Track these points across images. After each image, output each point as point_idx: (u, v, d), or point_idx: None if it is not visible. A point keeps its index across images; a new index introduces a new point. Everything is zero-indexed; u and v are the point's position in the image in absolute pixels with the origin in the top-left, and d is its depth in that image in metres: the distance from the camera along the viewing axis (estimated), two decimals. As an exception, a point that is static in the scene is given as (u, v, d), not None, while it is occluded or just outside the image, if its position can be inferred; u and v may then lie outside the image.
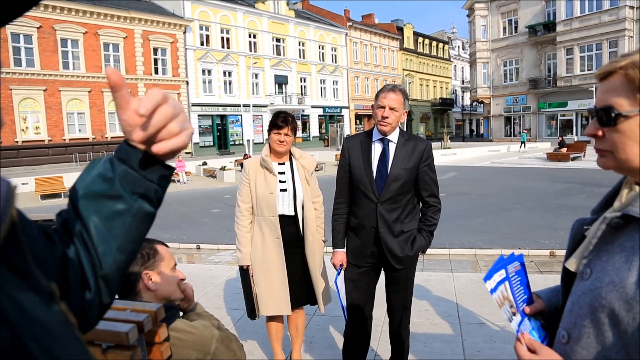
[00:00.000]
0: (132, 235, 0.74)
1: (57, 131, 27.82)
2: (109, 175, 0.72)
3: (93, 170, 0.73)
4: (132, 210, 0.73)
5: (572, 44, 35.93)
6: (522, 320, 1.11)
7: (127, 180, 0.72)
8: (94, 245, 0.71)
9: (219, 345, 1.61)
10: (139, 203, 0.73)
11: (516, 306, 1.12)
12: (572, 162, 23.43)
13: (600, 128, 0.94)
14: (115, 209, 0.72)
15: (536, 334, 1.11)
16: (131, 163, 0.72)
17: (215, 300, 4.83)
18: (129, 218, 0.73)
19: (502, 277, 1.11)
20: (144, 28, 31.14)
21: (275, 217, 3.12)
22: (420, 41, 58.41)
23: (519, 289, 1.15)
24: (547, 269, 6.56)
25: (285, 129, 3.08)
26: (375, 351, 3.61)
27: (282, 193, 3.15)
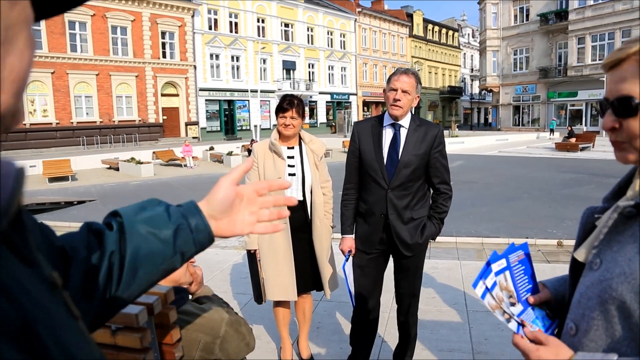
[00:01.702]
0: (152, 280, 0.79)
1: (64, 114, 27.87)
2: (168, 222, 0.78)
3: (152, 209, 0.79)
4: (169, 261, 0.78)
5: (584, 33, 35.42)
6: (524, 310, 1.08)
7: (180, 235, 0.78)
8: (121, 273, 0.74)
9: (229, 328, 1.60)
10: (176, 257, 0.79)
11: (517, 296, 1.09)
12: (580, 153, 23.27)
13: (617, 120, 0.89)
14: (159, 251, 0.76)
15: (540, 322, 1.08)
16: (191, 223, 0.79)
17: (221, 285, 4.84)
18: (162, 266, 0.78)
19: (501, 267, 1.08)
20: (152, 11, 30.97)
21: None
22: (430, 28, 57.81)
23: (522, 278, 1.12)
24: (555, 258, 6.53)
25: (290, 112, 3.04)
26: (382, 337, 3.61)
27: (290, 177, 3.12)
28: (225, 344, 1.56)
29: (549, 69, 38.79)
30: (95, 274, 0.72)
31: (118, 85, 30.05)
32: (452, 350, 3.42)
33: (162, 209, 0.79)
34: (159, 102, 31.93)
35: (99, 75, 29.06)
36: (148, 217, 0.77)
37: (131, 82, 30.56)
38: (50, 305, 0.42)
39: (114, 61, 29.60)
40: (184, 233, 0.77)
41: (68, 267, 0.69)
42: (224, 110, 36.04)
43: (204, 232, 0.79)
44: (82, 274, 0.70)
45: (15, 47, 0.40)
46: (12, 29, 0.39)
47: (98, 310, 0.73)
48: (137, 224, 0.76)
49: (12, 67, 0.40)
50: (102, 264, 0.72)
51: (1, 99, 0.39)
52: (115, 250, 0.74)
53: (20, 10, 0.41)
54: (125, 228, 0.75)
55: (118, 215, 0.78)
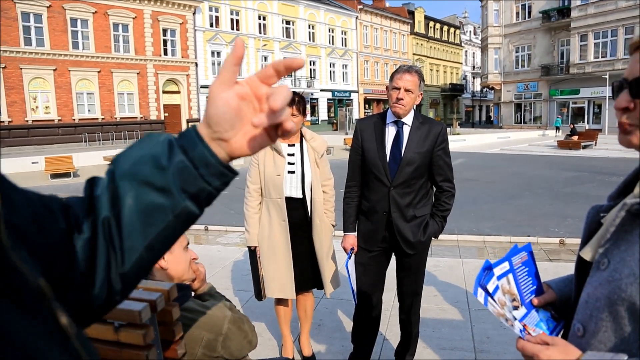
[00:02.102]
0: (166, 234, 0.64)
1: (66, 111, 27.89)
2: (164, 163, 0.62)
3: (146, 147, 0.64)
4: (176, 209, 0.63)
5: (587, 30, 35.32)
6: (528, 313, 1.06)
7: (181, 175, 0.62)
8: (122, 237, 0.62)
9: (231, 326, 1.60)
10: (185, 203, 0.63)
11: (521, 299, 1.07)
12: (583, 151, 23.21)
13: (633, 100, 0.87)
14: (158, 203, 0.62)
15: (544, 325, 1.07)
16: (192, 156, 0.63)
17: (223, 282, 4.84)
18: (170, 216, 0.63)
19: (504, 270, 1.06)
20: (153, 8, 30.94)
21: (282, 199, 3.08)
22: (431, 25, 57.69)
23: (525, 280, 1.10)
24: (557, 257, 6.52)
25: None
26: (384, 336, 3.61)
27: (290, 175, 3.10)
28: (227, 341, 1.56)
29: (551, 67, 38.70)
30: (93, 248, 0.61)
31: (120, 82, 30.04)
32: (454, 349, 3.42)
33: (156, 146, 0.63)
34: (160, 99, 31.92)
35: (100, 72, 29.06)
36: (138, 162, 0.63)
37: (133, 79, 30.55)
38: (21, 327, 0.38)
39: (115, 58, 29.59)
40: (186, 172, 0.62)
41: (74, 249, 0.60)
42: (226, 108, 36.01)
43: (213, 164, 0.63)
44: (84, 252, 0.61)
45: None
46: None
47: (106, 291, 0.63)
48: (127, 174, 0.63)
49: None
50: (97, 235, 0.62)
51: None
52: (108, 215, 0.62)
53: None
54: (116, 182, 0.63)
55: (112, 164, 0.66)
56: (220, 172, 0.64)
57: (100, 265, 0.61)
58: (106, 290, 0.62)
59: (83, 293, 0.61)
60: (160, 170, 0.62)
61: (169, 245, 0.67)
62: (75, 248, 0.60)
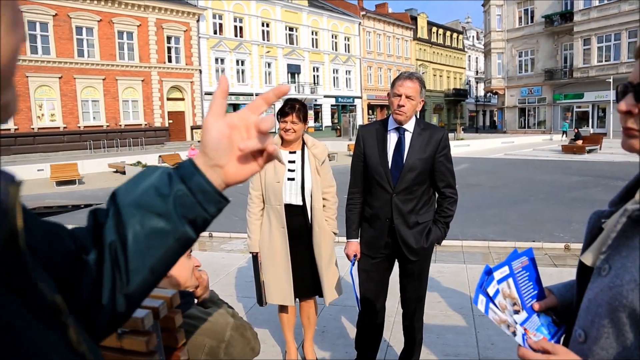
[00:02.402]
0: (167, 258, 0.70)
1: (72, 118, 28.07)
2: (165, 192, 0.67)
3: (146, 179, 0.70)
4: (177, 234, 0.68)
5: (590, 34, 35.30)
6: (529, 318, 1.06)
7: (181, 203, 0.67)
8: (127, 260, 0.67)
9: (234, 333, 1.60)
10: (185, 228, 0.68)
11: (521, 303, 1.07)
12: (587, 155, 23.13)
13: (637, 105, 0.87)
14: (160, 228, 0.67)
15: (545, 330, 1.07)
16: (191, 186, 0.68)
17: (227, 288, 4.85)
18: (171, 241, 0.68)
19: (504, 274, 1.06)
20: (157, 16, 31.16)
21: (281, 205, 3.10)
22: (434, 31, 57.81)
23: (526, 285, 1.10)
24: (562, 262, 6.49)
25: (290, 117, 3.04)
26: (388, 342, 3.60)
27: (289, 182, 3.12)
28: (230, 348, 1.57)
29: (555, 71, 38.67)
30: (99, 271, 0.66)
31: (124, 89, 30.22)
32: (458, 355, 3.41)
33: (156, 178, 0.69)
34: (164, 106, 32.08)
35: (105, 79, 29.26)
36: (141, 192, 0.68)
37: (137, 87, 30.73)
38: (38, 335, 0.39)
39: (120, 66, 29.79)
40: (185, 199, 0.67)
41: (83, 270, 0.65)
42: (230, 114, 36.13)
43: (208, 191, 0.68)
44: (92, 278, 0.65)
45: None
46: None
47: (111, 311, 0.67)
48: (131, 203, 0.68)
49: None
50: (103, 259, 0.67)
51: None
52: (115, 240, 0.67)
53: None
54: (121, 210, 0.68)
55: (114, 195, 0.71)
56: (216, 199, 0.69)
57: (106, 286, 0.66)
58: (110, 311, 0.66)
59: (88, 314, 0.64)
60: (162, 198, 0.67)
61: (168, 268, 0.71)
62: (84, 269, 0.64)
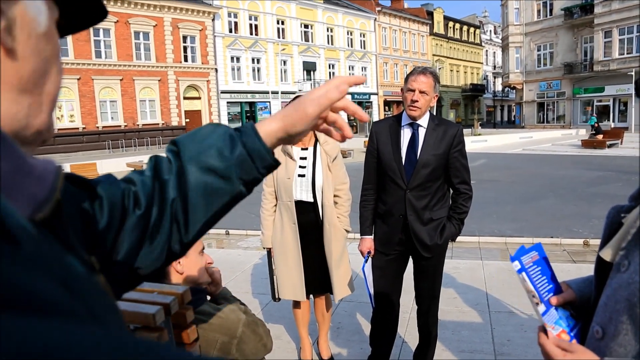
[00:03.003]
0: (221, 212, 0.79)
1: (90, 119, 28.46)
2: (227, 154, 0.76)
3: (210, 139, 0.77)
4: (234, 192, 0.78)
5: (611, 26, 34.59)
6: (547, 311, 1.06)
7: (241, 166, 0.76)
8: (187, 214, 0.75)
9: (245, 329, 1.62)
10: (240, 188, 0.78)
11: (539, 296, 1.07)
12: (608, 150, 22.70)
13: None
14: (219, 187, 0.76)
15: (564, 322, 1.06)
16: (249, 149, 0.77)
17: (243, 285, 4.88)
18: (227, 198, 0.78)
19: (517, 269, 1.06)
20: (173, 16, 31.41)
21: (292, 202, 3.12)
22: (450, 26, 57.25)
23: (540, 279, 1.09)
24: (581, 258, 6.39)
25: None
26: (402, 338, 3.59)
27: (300, 178, 3.14)
28: (242, 344, 1.58)
29: (574, 65, 38.01)
30: (157, 225, 0.74)
31: (141, 89, 30.54)
32: (474, 352, 3.38)
33: (219, 138, 0.77)
34: (181, 105, 32.35)
35: (123, 80, 29.59)
36: (204, 151, 0.76)
37: (154, 86, 31.03)
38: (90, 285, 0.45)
39: (137, 66, 30.10)
40: (245, 164, 0.77)
41: (123, 221, 0.71)
42: (246, 112, 36.30)
43: (266, 158, 0.78)
44: (138, 229, 0.72)
45: (51, 76, 0.50)
46: (49, 62, 0.49)
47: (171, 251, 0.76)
48: (194, 162, 0.75)
49: (48, 92, 0.49)
50: (163, 214, 0.74)
51: (42, 117, 0.49)
52: (176, 197, 0.75)
53: (55, 44, 0.50)
54: (185, 167, 0.75)
55: (177, 147, 0.78)
56: (270, 164, 0.80)
57: (162, 238, 0.75)
58: (165, 254, 0.76)
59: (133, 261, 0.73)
60: (225, 161, 0.75)
61: (220, 218, 0.81)
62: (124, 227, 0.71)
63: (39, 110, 0.48)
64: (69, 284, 0.36)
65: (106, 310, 0.45)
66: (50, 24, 0.49)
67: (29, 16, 0.45)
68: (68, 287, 0.36)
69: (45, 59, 0.48)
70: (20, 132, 0.46)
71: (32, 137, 0.48)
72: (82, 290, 0.40)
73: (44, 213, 0.44)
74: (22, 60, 0.45)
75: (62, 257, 0.42)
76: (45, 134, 0.50)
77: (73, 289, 0.36)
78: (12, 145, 0.40)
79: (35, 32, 0.46)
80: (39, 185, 0.44)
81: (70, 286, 0.36)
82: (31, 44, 0.46)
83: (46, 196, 0.44)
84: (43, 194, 0.44)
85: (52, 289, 0.32)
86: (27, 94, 0.46)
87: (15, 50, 0.44)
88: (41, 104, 0.48)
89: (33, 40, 0.46)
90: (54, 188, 0.45)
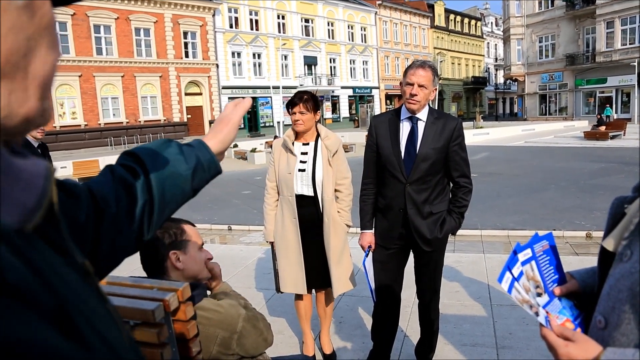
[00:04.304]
0: (173, 214, 0.92)
1: (92, 116, 28.50)
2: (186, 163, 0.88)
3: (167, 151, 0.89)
4: (185, 198, 0.91)
5: (613, 17, 34.37)
6: (550, 301, 1.07)
7: (196, 175, 0.90)
8: (152, 213, 0.84)
9: (246, 324, 1.62)
10: (191, 193, 0.92)
11: (544, 286, 1.08)
12: (611, 141, 22.60)
13: None
14: (180, 192, 0.88)
15: (568, 312, 1.07)
16: (202, 159, 0.91)
17: (245, 280, 4.89)
18: (180, 205, 0.91)
19: (527, 257, 1.07)
20: (173, 12, 31.35)
21: (292, 196, 3.14)
22: (451, 18, 57.00)
23: (547, 269, 1.10)
24: (583, 250, 6.39)
25: (298, 107, 3.05)
26: (404, 332, 3.60)
27: (300, 173, 3.15)
28: (242, 339, 1.59)
29: (576, 56, 37.81)
30: (129, 225, 0.80)
31: (143, 86, 30.55)
32: (476, 345, 3.39)
33: (176, 150, 0.88)
34: (183, 101, 32.35)
35: (124, 76, 29.60)
36: (167, 160, 0.86)
37: (155, 83, 31.03)
38: (85, 293, 0.44)
39: (138, 62, 30.10)
40: (200, 172, 0.89)
41: (101, 220, 0.75)
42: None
43: (215, 168, 0.94)
44: (113, 228, 0.77)
45: (37, 55, 0.43)
46: (33, 39, 0.42)
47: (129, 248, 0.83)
48: (159, 169, 0.84)
49: (35, 74, 0.43)
50: (134, 215, 0.81)
51: (29, 104, 0.43)
52: (147, 200, 0.82)
53: (40, 18, 0.43)
54: (150, 175, 0.83)
55: (137, 158, 0.86)
56: (216, 173, 0.96)
57: (133, 233, 0.82)
58: (133, 248, 0.85)
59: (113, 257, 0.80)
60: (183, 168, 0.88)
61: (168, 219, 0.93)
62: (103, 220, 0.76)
63: (25, 96, 0.42)
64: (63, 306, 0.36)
65: (103, 321, 0.45)
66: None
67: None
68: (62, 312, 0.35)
69: (27, 36, 0.41)
70: (2, 123, 0.41)
71: (20, 126, 0.43)
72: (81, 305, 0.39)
73: (34, 222, 0.41)
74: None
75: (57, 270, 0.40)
76: (38, 119, 0.44)
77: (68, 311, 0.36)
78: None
79: (11, 7, 0.40)
80: (28, 192, 0.41)
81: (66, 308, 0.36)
82: (5, 21, 0.40)
83: (36, 203, 0.41)
84: (33, 202, 0.41)
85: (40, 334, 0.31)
86: (7, 78, 0.40)
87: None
88: (26, 88, 0.42)
89: (8, 16, 0.40)
90: (44, 193, 0.42)
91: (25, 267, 0.35)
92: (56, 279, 0.39)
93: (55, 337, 0.33)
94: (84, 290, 0.45)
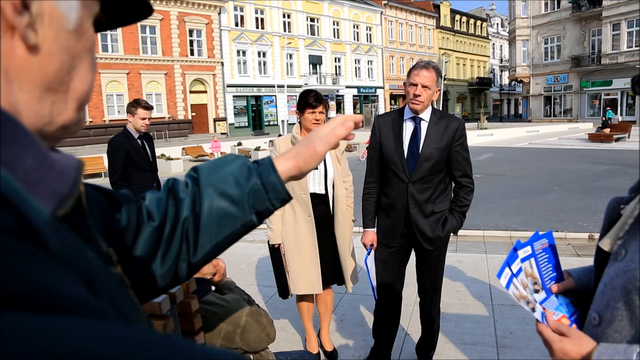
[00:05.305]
0: (231, 238, 0.82)
1: (97, 113, 28.62)
2: (242, 183, 0.80)
3: (228, 168, 0.82)
4: (245, 221, 0.81)
5: (620, 19, 34.25)
6: (547, 298, 1.09)
7: (254, 196, 0.80)
8: (197, 234, 0.80)
9: (249, 319, 1.65)
10: (252, 217, 0.81)
11: (542, 283, 1.10)
12: (615, 143, 22.54)
13: None
14: (232, 213, 0.80)
15: (564, 309, 1.09)
16: (265, 182, 0.81)
17: (248, 278, 4.93)
18: (238, 225, 0.81)
19: (527, 254, 1.10)
20: (179, 10, 31.42)
21: (307, 194, 3.12)
22: (457, 19, 56.90)
23: (546, 267, 1.13)
24: (586, 252, 6.40)
25: (320, 107, 3.06)
26: (405, 330, 3.63)
27: (312, 171, 3.15)
28: (245, 333, 1.62)
29: (582, 58, 37.69)
30: (169, 240, 0.78)
31: (148, 83, 30.63)
32: (476, 344, 3.42)
33: (237, 168, 0.82)
34: (187, 99, 32.43)
35: (129, 74, 29.70)
36: (222, 178, 0.81)
37: (160, 80, 31.11)
38: (106, 275, 0.48)
39: (143, 60, 30.18)
40: (259, 194, 0.80)
41: (139, 230, 0.76)
42: (252, 106, 36.34)
43: (280, 191, 0.82)
44: (152, 239, 0.77)
45: (79, 73, 0.49)
46: (78, 58, 0.48)
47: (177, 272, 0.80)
48: (211, 186, 0.80)
49: (75, 89, 0.48)
50: (175, 230, 0.78)
51: (67, 114, 0.48)
52: (188, 216, 0.79)
53: (86, 41, 0.49)
54: (201, 190, 0.80)
55: (196, 173, 0.83)
56: (283, 197, 0.83)
57: (172, 254, 0.78)
58: (172, 273, 0.79)
59: (147, 272, 0.77)
60: (239, 187, 0.80)
61: (229, 245, 0.85)
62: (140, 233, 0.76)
63: (64, 107, 0.48)
64: (91, 280, 0.38)
65: (124, 302, 0.48)
66: (83, 21, 0.49)
67: (57, 13, 0.45)
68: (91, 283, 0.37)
69: (74, 55, 0.47)
70: (42, 128, 0.46)
71: (57, 133, 0.49)
72: (103, 285, 0.41)
73: (66, 209, 0.45)
74: (47, 57, 0.44)
75: (84, 253, 0.44)
76: (73, 127, 0.51)
77: (95, 285, 0.38)
78: (35, 141, 0.40)
79: (64, 29, 0.45)
80: (61, 181, 0.44)
81: (93, 282, 0.38)
82: (58, 41, 0.45)
83: (68, 191, 0.45)
84: (65, 190, 0.44)
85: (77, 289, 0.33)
86: (52, 91, 0.46)
87: (38, 46, 0.43)
88: (67, 101, 0.48)
89: (61, 37, 0.45)
90: (76, 183, 0.46)
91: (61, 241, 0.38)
92: (81, 260, 0.41)
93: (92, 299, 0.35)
94: (107, 274, 0.48)
